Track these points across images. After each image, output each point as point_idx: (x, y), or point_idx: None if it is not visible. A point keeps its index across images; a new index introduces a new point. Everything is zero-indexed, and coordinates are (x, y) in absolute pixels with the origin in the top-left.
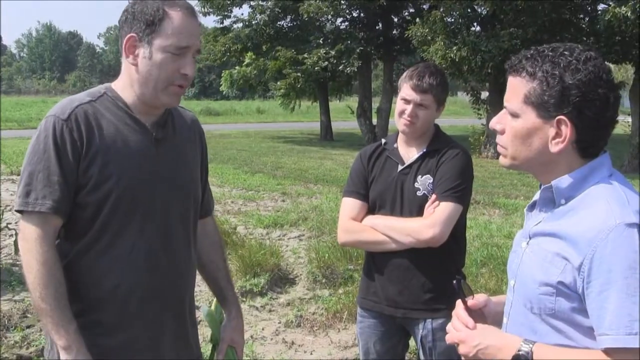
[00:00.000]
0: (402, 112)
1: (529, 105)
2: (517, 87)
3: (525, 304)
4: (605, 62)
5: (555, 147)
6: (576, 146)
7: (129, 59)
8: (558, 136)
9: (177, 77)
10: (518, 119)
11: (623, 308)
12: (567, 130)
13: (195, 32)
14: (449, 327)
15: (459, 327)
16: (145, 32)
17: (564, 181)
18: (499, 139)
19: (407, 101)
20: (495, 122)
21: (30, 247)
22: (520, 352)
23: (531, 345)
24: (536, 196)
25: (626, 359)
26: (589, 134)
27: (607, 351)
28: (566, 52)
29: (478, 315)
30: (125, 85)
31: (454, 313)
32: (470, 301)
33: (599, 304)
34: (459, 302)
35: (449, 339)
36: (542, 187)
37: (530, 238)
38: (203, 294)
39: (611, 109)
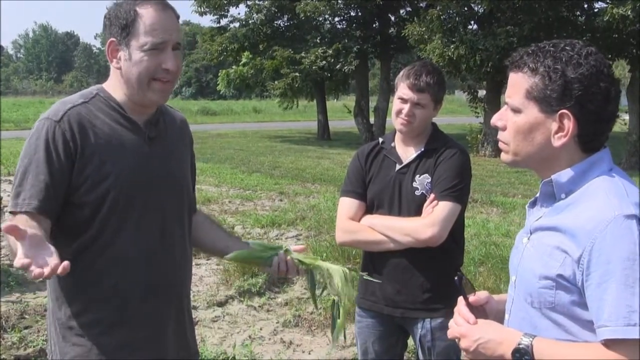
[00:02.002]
0: (399, 112)
1: (531, 100)
2: (518, 83)
3: (526, 299)
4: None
5: (558, 142)
6: (578, 140)
7: (112, 64)
8: (561, 130)
9: (160, 72)
10: (520, 114)
11: (622, 299)
12: (569, 124)
13: (170, 26)
14: (450, 322)
15: (460, 322)
16: (122, 36)
17: (564, 175)
18: (501, 135)
19: (404, 100)
20: (497, 119)
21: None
22: (521, 346)
23: (531, 339)
24: (538, 193)
25: (626, 351)
26: (591, 128)
27: (606, 343)
28: (567, 47)
29: (479, 311)
30: (116, 87)
31: (455, 309)
32: (471, 297)
33: (598, 296)
34: (460, 299)
35: (450, 333)
36: (543, 181)
37: (531, 233)
38: (200, 294)
39: (612, 103)
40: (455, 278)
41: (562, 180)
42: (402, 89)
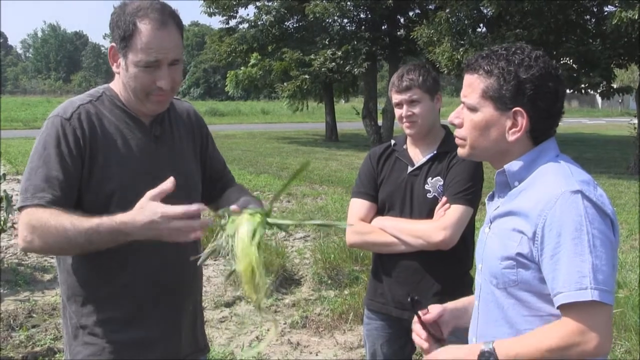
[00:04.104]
0: (400, 117)
1: (487, 100)
2: (474, 84)
3: (491, 281)
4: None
5: (512, 137)
6: (529, 135)
7: (114, 68)
8: (514, 126)
9: (154, 89)
10: (477, 112)
11: (573, 267)
12: (523, 120)
13: (167, 44)
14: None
15: (422, 344)
16: (121, 45)
17: (515, 164)
18: (458, 131)
19: (399, 105)
20: (454, 117)
21: (27, 227)
22: (484, 350)
23: (491, 343)
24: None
25: (580, 314)
26: (541, 124)
27: (563, 308)
28: (518, 51)
29: (433, 326)
30: (121, 86)
31: (412, 328)
32: (425, 316)
33: (552, 267)
34: (415, 319)
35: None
36: (497, 172)
37: (491, 222)
38: (208, 295)
39: (560, 101)
40: (409, 299)
41: (514, 169)
42: (394, 96)
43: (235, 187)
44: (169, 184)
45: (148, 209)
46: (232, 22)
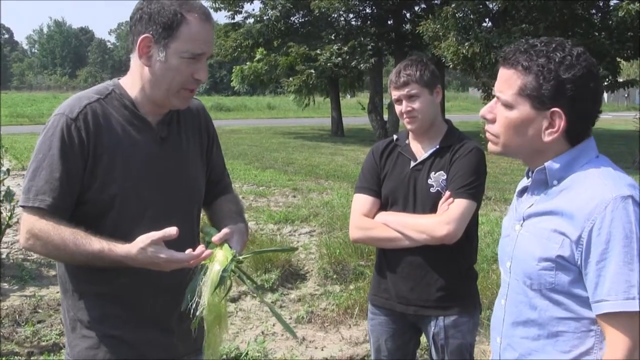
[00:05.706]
0: (400, 113)
1: (524, 97)
2: (511, 79)
3: (525, 282)
4: (618, 58)
5: (548, 137)
6: (566, 135)
7: (142, 59)
8: (551, 127)
9: (190, 82)
10: (512, 109)
11: (621, 275)
12: (560, 121)
13: (211, 38)
14: None
15: None
16: (162, 35)
17: (556, 163)
18: (490, 127)
19: (398, 101)
20: (487, 112)
21: (29, 232)
22: None
23: None
24: (523, 182)
25: (622, 324)
26: (579, 125)
27: (606, 316)
28: (559, 48)
29: None
30: (134, 83)
31: None
32: None
33: (597, 273)
34: None
35: None
36: (536, 169)
37: (524, 220)
38: None
39: (599, 102)
40: None
41: (554, 167)
42: (393, 92)
43: (231, 199)
44: (172, 231)
45: (150, 252)
46: (238, 17)
